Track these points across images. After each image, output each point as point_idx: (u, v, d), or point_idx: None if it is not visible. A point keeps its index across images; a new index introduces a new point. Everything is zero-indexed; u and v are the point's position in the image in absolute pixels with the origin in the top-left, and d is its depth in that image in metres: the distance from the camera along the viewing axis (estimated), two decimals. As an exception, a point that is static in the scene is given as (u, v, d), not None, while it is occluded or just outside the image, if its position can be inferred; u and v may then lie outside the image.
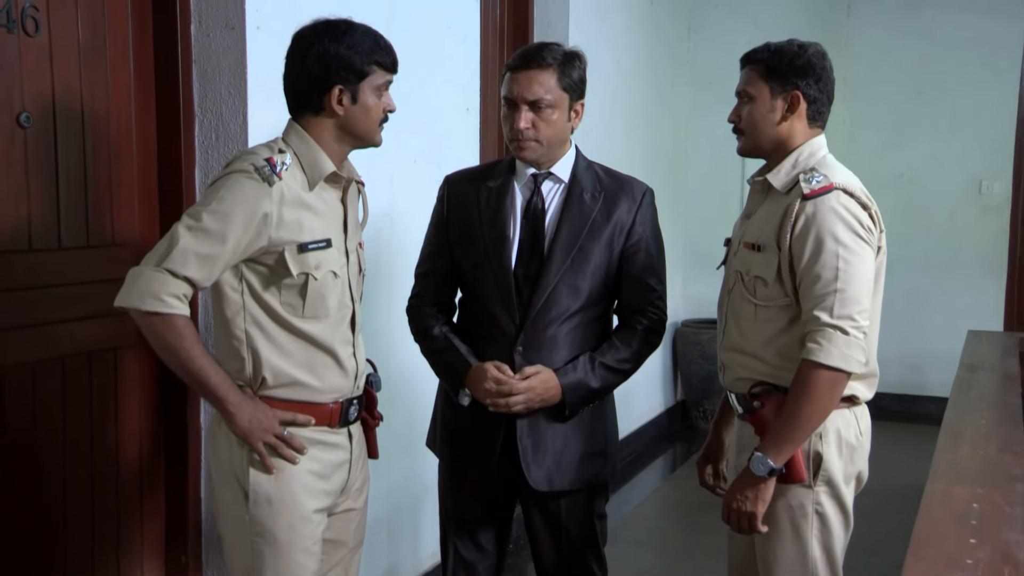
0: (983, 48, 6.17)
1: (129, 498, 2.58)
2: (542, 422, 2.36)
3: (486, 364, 2.32)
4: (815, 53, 2.21)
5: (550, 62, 2.30)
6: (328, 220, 2.06)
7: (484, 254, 2.37)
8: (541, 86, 2.29)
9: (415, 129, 3.33)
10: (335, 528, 2.16)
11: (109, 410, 2.52)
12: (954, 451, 2.51)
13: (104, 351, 2.50)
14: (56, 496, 2.39)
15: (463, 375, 2.35)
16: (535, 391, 2.30)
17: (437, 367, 2.46)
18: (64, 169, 2.37)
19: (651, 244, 2.42)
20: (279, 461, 2.01)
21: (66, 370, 2.40)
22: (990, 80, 6.19)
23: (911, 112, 6.36)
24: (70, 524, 2.43)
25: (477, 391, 2.33)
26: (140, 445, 2.61)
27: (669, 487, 5.19)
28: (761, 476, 2.09)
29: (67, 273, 2.40)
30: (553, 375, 2.32)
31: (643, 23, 5.55)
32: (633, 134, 5.45)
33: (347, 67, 2.00)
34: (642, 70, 5.58)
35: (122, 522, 2.56)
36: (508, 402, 2.28)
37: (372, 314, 3.02)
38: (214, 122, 2.60)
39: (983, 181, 6.30)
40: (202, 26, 2.59)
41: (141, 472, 2.62)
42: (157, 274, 1.88)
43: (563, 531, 2.43)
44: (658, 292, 2.43)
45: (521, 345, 2.34)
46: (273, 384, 2.02)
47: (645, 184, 2.48)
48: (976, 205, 6.31)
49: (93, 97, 2.44)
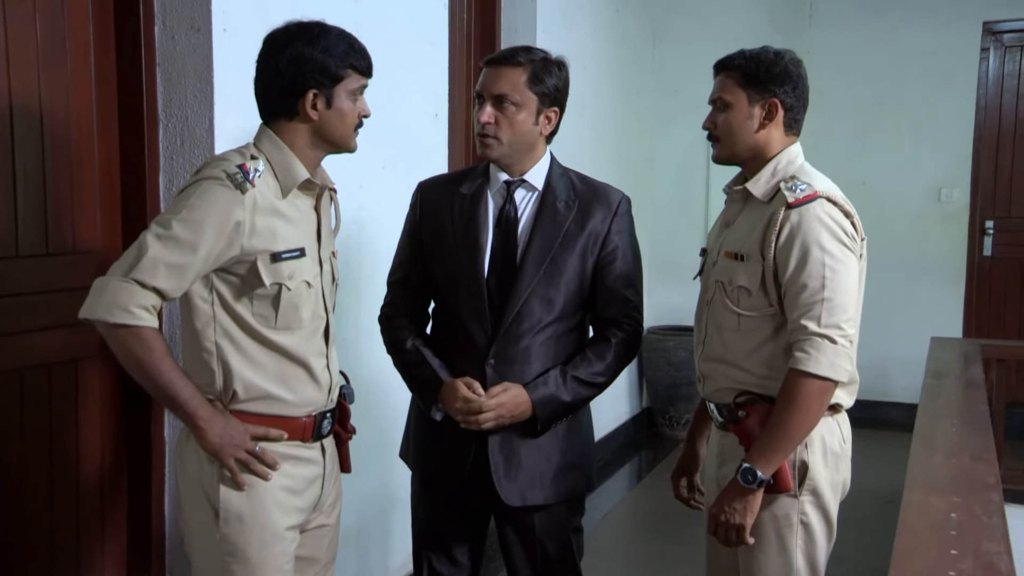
0: (941, 59, 6.26)
1: (90, 514, 2.51)
2: (514, 437, 2.31)
3: (456, 381, 2.28)
4: (791, 60, 2.20)
5: (521, 61, 2.27)
6: (301, 228, 2.01)
7: (457, 263, 2.32)
8: (508, 83, 2.25)
9: (384, 135, 3.28)
10: (308, 545, 2.11)
11: (69, 423, 2.44)
12: (927, 460, 2.52)
13: (64, 363, 2.42)
14: (14, 511, 2.31)
15: (436, 391, 2.31)
16: (504, 407, 2.26)
17: (410, 382, 2.41)
18: (22, 173, 2.29)
19: (627, 253, 2.38)
20: (250, 477, 1.95)
21: (24, 383, 2.32)
22: (949, 89, 6.27)
23: (873, 121, 6.42)
24: (30, 539, 2.35)
25: (449, 407, 2.29)
26: (102, 459, 2.53)
27: (637, 495, 5.17)
28: (750, 488, 2.07)
29: (25, 282, 2.32)
30: (523, 391, 2.27)
31: (609, 30, 5.55)
32: (601, 142, 5.44)
33: (322, 71, 1.95)
34: (609, 77, 5.57)
35: (82, 538, 2.48)
36: (478, 419, 2.25)
37: (341, 323, 2.94)
38: (179, 127, 2.53)
39: (942, 189, 6.38)
40: (167, 28, 2.52)
41: (102, 487, 2.54)
42: (125, 285, 1.81)
43: (538, 546, 2.39)
44: (634, 303, 2.38)
45: (493, 358, 2.29)
46: (244, 398, 1.96)
47: (621, 192, 2.44)
48: (936, 213, 6.39)
49: (52, 99, 2.36)
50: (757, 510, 2.10)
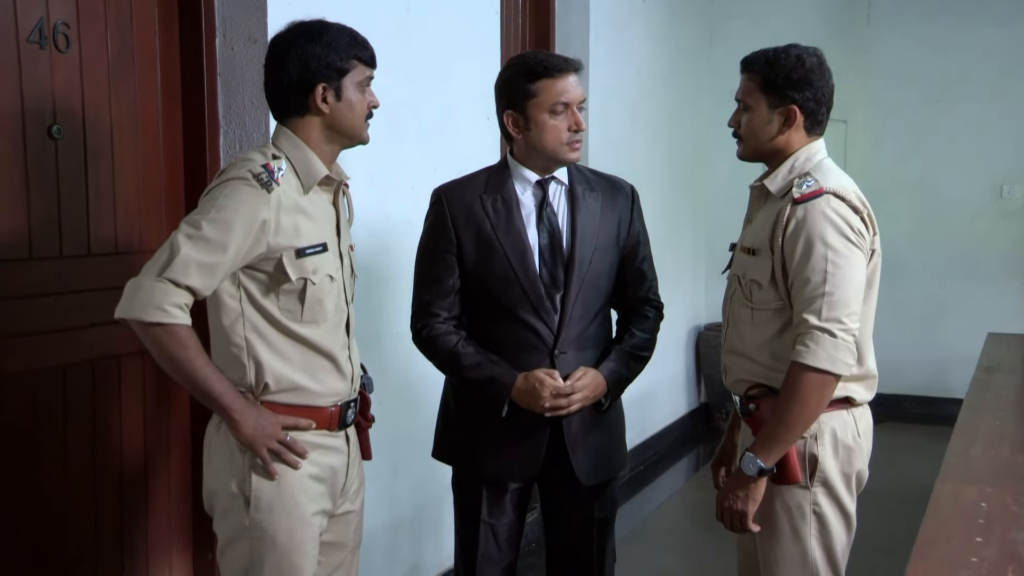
0: (1000, 55, 6.19)
1: (139, 501, 2.65)
2: (585, 418, 2.43)
3: (536, 373, 2.35)
4: (813, 64, 2.21)
5: (579, 67, 2.39)
6: (322, 224, 2.08)
7: (505, 264, 2.39)
8: (583, 89, 2.40)
9: (436, 138, 3.40)
10: (334, 531, 2.18)
11: (162, 404, 2.59)
12: (965, 452, 2.53)
13: (128, 355, 2.56)
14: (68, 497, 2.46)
15: (508, 388, 2.36)
16: (588, 388, 2.38)
17: (473, 383, 2.41)
18: (93, 180, 2.45)
19: (646, 237, 2.56)
20: (279, 465, 2.01)
21: (107, 369, 2.48)
22: (1011, 84, 6.20)
23: (930, 118, 6.37)
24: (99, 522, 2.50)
25: (529, 400, 2.34)
26: (146, 443, 2.68)
27: (690, 488, 5.21)
28: (751, 476, 2.13)
29: (95, 280, 2.46)
30: (598, 372, 2.40)
31: (663, 34, 5.60)
32: (655, 144, 5.49)
33: (327, 64, 2.02)
34: (663, 80, 5.62)
35: (151, 522, 2.63)
36: (568, 402, 2.35)
37: (393, 318, 3.08)
38: (238, 132, 2.68)
39: (1004, 186, 6.30)
40: (226, 40, 2.67)
41: (169, 473, 2.69)
42: (159, 284, 1.88)
43: (590, 521, 2.51)
44: (656, 282, 2.58)
45: (559, 348, 2.39)
46: (275, 389, 2.02)
47: (628, 181, 2.60)
48: (997, 210, 6.31)
49: (121, 110, 2.52)
50: (759, 499, 2.15)
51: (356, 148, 2.20)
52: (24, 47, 2.28)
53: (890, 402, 6.39)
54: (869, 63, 6.41)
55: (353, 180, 2.90)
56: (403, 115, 3.21)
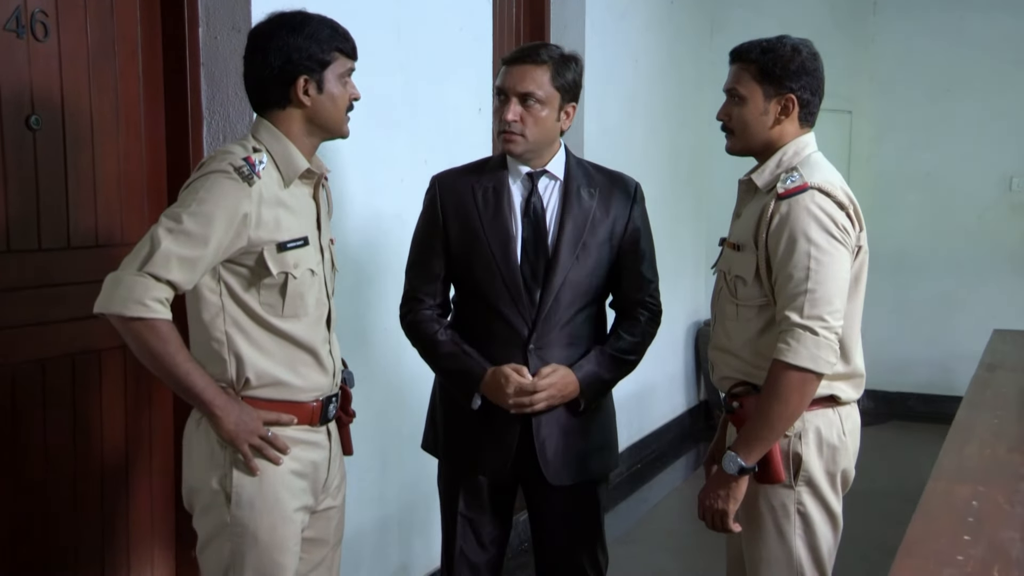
0: (1011, 44, 6.10)
1: (137, 491, 2.63)
2: (560, 417, 2.39)
3: (503, 368, 2.33)
4: (808, 54, 2.18)
5: (545, 59, 2.32)
6: (303, 218, 2.06)
7: (489, 254, 2.37)
8: (533, 81, 2.30)
9: (426, 130, 3.36)
10: (316, 527, 2.16)
11: (143, 399, 2.57)
12: (959, 450, 2.49)
13: (108, 350, 2.53)
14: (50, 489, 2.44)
15: (477, 380, 2.35)
16: (555, 387, 2.33)
17: (446, 373, 2.45)
18: (73, 171, 2.42)
19: (647, 237, 2.49)
20: (260, 461, 1.99)
21: (75, 366, 2.45)
22: (1018, 76, 6.12)
23: (938, 109, 6.29)
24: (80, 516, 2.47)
25: (496, 394, 2.34)
26: (128, 440, 2.65)
27: (689, 487, 5.16)
28: (732, 474, 2.10)
29: (75, 274, 2.44)
30: (570, 371, 2.35)
31: (663, 23, 5.54)
32: (654, 136, 5.44)
33: (309, 56, 1.99)
34: (662, 71, 5.56)
35: (133, 519, 2.61)
36: (531, 400, 2.31)
37: (382, 314, 3.04)
38: (222, 123, 2.64)
39: (1014, 178, 6.22)
40: (210, 29, 2.63)
41: (151, 467, 2.66)
42: (139, 278, 1.85)
43: (572, 523, 2.46)
44: (654, 284, 2.50)
45: (534, 343, 2.36)
46: (256, 384, 2.00)
47: (634, 179, 2.53)
48: (1006, 203, 6.23)
49: (102, 100, 2.48)
50: (740, 497, 2.12)
51: (346, 141, 2.18)
52: (1, 35, 2.24)
53: (895, 400, 6.34)
54: (875, 52, 6.34)
55: (342, 174, 2.89)
56: (393, 107, 3.17)
